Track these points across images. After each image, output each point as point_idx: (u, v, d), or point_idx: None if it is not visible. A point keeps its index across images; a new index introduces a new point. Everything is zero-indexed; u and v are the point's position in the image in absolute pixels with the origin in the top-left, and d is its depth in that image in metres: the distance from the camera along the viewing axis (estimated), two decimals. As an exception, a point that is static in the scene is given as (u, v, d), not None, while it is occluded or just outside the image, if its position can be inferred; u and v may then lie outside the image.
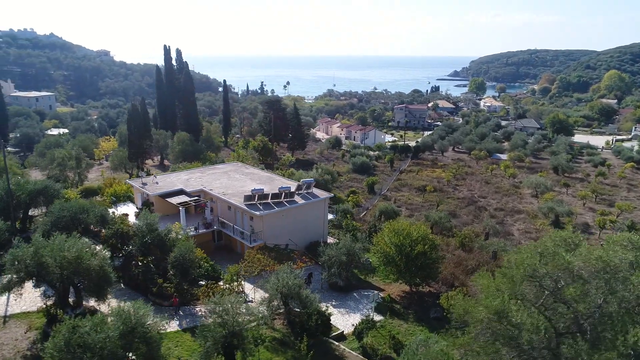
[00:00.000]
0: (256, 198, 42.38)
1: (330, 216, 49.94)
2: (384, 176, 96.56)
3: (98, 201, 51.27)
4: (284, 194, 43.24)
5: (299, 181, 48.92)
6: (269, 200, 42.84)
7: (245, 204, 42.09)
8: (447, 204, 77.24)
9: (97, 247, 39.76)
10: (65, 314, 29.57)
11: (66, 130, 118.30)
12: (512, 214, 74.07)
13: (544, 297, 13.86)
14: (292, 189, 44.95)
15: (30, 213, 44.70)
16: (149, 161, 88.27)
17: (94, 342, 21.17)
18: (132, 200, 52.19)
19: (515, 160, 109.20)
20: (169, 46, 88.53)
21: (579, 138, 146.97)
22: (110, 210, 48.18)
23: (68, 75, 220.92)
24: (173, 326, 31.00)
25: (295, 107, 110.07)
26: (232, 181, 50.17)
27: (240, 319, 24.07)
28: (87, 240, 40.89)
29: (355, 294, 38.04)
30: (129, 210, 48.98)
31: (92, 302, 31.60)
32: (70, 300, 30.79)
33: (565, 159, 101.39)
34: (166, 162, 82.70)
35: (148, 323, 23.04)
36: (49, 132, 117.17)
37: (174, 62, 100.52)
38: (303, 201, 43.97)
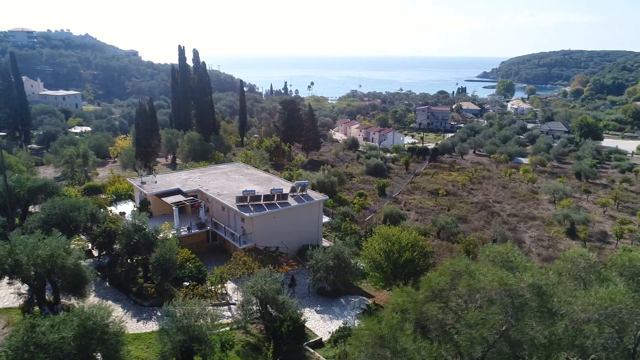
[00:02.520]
0: (248, 199, 41.98)
1: (326, 219, 49.05)
2: (398, 179, 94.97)
3: (101, 199, 51.96)
4: (276, 195, 42.68)
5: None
6: (261, 202, 42.38)
7: (237, 205, 41.75)
8: (459, 209, 75.20)
9: (89, 244, 40.47)
10: (43, 311, 29.92)
11: (89, 129, 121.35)
12: (526, 221, 71.43)
13: (455, 320, 12.75)
14: (287, 191, 44.37)
15: (30, 209, 45.51)
16: (161, 160, 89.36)
17: (48, 343, 21.06)
18: (133, 199, 52.62)
19: (536, 165, 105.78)
20: (183, 46, 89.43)
21: (609, 142, 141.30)
22: (110, 209, 48.91)
23: (97, 75, 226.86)
24: (150, 327, 30.87)
25: (310, 107, 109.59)
26: (230, 182, 49.97)
27: (201, 323, 23.58)
28: (82, 237, 41.64)
29: (342, 299, 37.13)
30: (128, 208, 49.30)
31: (72, 300, 31.75)
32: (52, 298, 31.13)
33: (588, 164, 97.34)
34: (178, 161, 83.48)
35: (107, 323, 22.74)
36: (72, 130, 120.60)
37: (190, 62, 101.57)
38: (296, 203, 43.31)
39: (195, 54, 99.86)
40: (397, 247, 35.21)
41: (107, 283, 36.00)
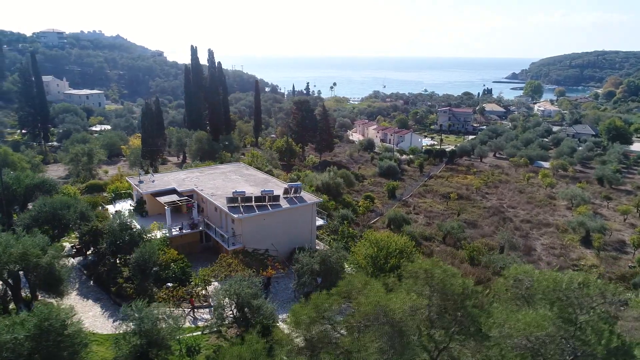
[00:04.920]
0: (239, 200, 41.39)
1: (320, 221, 48.02)
2: (411, 181, 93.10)
3: (100, 197, 52.38)
4: (267, 197, 41.95)
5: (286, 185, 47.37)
6: (252, 203, 41.73)
7: (227, 206, 41.23)
8: (470, 213, 72.95)
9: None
10: (19, 309, 29.97)
11: (109, 127, 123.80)
12: (540, 227, 68.67)
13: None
14: (280, 193, 43.61)
15: (29, 207, 46.06)
16: (173, 158, 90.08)
17: (1, 343, 20.81)
18: (132, 198, 52.79)
19: (558, 169, 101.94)
20: (195, 46, 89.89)
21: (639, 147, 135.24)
22: (107, 207, 49.19)
23: (123, 75, 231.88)
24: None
25: (324, 107, 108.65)
26: (226, 182, 49.54)
27: (160, 327, 22.98)
28: (77, 235, 41.76)
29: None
30: (126, 207, 49.35)
31: (51, 299, 31.70)
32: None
33: (612, 169, 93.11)
34: (188, 161, 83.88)
35: (65, 325, 22.35)
36: (93, 128, 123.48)
37: (206, 62, 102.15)
38: (288, 205, 42.48)
39: (210, 54, 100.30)
40: (384, 252, 33.98)
41: (92, 282, 35.97)
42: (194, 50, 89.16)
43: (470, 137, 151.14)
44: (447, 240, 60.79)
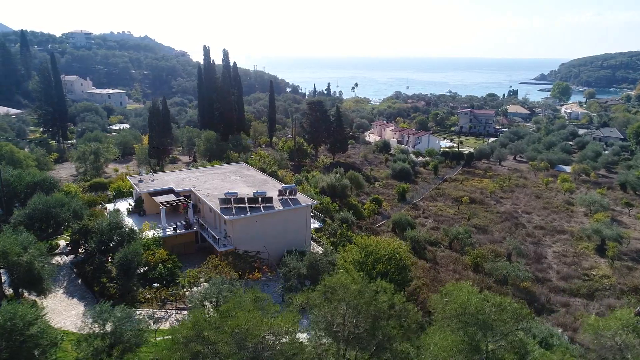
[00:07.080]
0: (232, 202, 40.97)
1: (316, 224, 47.15)
2: (424, 184, 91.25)
3: (103, 195, 52.86)
4: (260, 198, 41.40)
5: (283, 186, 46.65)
6: (246, 205, 41.24)
7: (220, 207, 40.87)
8: (482, 218, 70.82)
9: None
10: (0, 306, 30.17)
11: (127, 126, 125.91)
12: (553, 234, 66.11)
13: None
14: (273, 194, 43.00)
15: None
16: (184, 158, 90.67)
17: (-39, 343, 20.78)
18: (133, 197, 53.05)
19: (579, 174, 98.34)
20: (208, 46, 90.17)
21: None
22: (107, 206, 49.54)
23: (147, 75, 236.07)
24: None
25: (338, 108, 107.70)
26: (225, 182, 49.22)
27: (125, 329, 22.60)
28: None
29: (315, 311, 35.18)
30: (125, 206, 49.56)
31: (34, 297, 31.84)
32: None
33: (636, 174, 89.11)
34: (198, 160, 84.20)
35: (29, 325, 22.18)
36: (113, 127, 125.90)
37: (220, 62, 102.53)
38: (281, 207, 41.81)
39: (225, 54, 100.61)
40: (372, 258, 32.93)
41: (80, 280, 36.07)
42: (206, 50, 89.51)
43: (491, 139, 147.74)
44: (453, 245, 59.11)
